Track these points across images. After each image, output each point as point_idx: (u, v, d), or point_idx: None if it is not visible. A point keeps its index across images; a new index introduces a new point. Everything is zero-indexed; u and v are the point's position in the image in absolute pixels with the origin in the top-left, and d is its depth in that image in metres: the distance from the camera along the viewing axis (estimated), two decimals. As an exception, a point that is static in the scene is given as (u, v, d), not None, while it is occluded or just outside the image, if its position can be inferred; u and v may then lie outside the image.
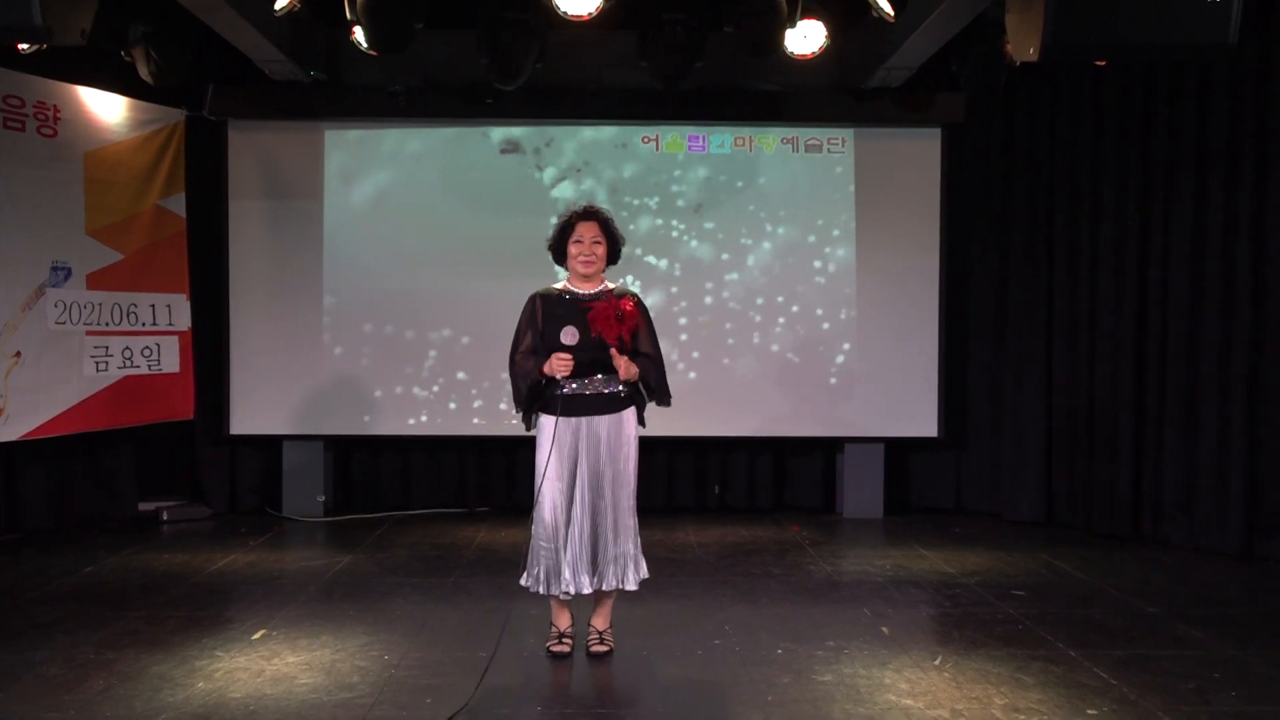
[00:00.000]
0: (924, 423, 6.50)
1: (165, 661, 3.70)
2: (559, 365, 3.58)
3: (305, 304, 6.43)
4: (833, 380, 6.50)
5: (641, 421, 3.80)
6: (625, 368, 3.62)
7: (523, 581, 3.75)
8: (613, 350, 3.60)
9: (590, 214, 3.71)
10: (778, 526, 6.29)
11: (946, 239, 6.47)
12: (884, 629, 4.13)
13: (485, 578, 4.90)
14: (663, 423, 6.63)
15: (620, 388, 3.69)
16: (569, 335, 3.61)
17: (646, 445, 6.69)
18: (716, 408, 6.48)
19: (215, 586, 4.80)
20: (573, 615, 3.91)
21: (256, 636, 4.00)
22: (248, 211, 6.40)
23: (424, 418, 6.45)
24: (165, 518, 6.29)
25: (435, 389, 6.45)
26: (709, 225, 6.47)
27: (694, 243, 6.48)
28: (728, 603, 4.53)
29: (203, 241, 6.43)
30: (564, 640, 3.84)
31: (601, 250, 3.69)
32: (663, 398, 3.78)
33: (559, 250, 3.76)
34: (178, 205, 6.30)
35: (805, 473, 6.84)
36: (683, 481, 6.83)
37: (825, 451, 6.82)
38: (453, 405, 6.44)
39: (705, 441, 6.71)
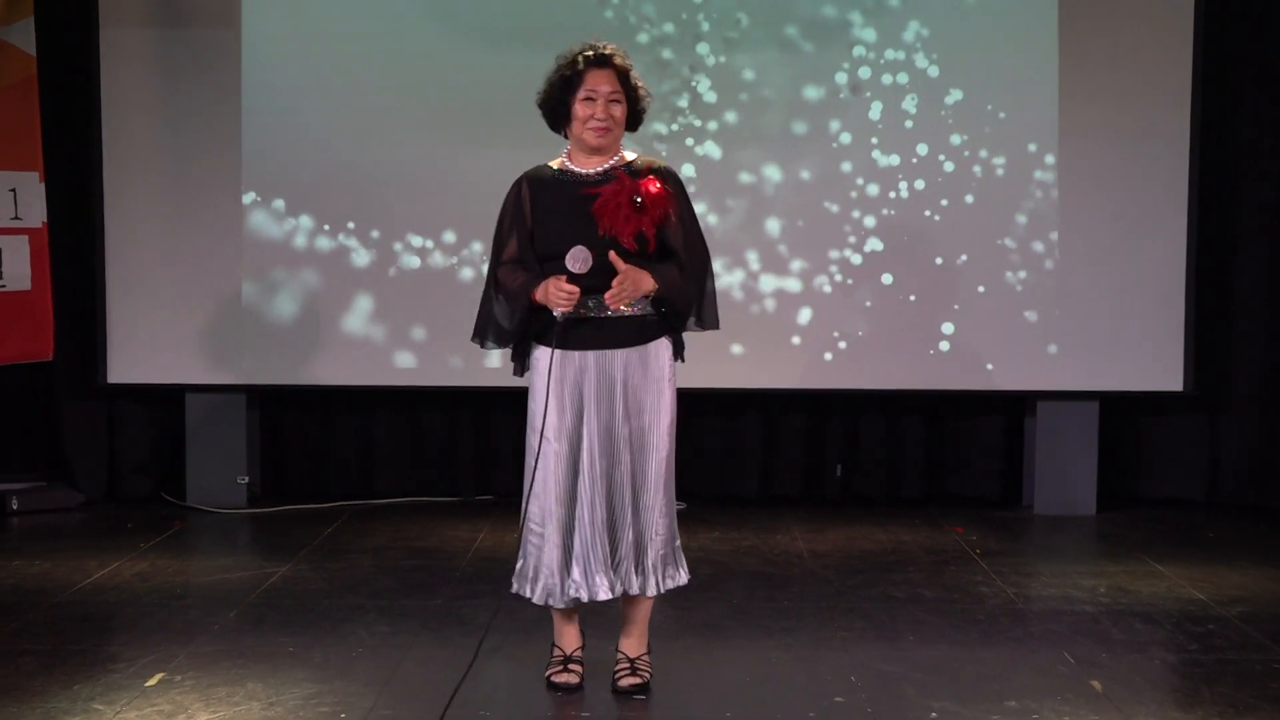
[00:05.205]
0: (1162, 371, 6.42)
1: (20, 716, 3.78)
2: (557, 297, 3.73)
3: (218, 186, 6.45)
4: (1019, 304, 6.44)
5: (679, 355, 3.97)
6: (628, 283, 3.70)
7: (514, 586, 3.95)
8: (612, 255, 3.69)
9: (603, 59, 3.87)
10: (932, 527, 6.30)
11: (1202, 89, 6.33)
12: (1095, 683, 4.12)
13: (488, 600, 4.94)
14: (756, 370, 6.71)
15: (650, 309, 3.84)
16: (577, 260, 3.71)
17: (731, 403, 6.78)
18: (839, 346, 6.46)
19: (90, 609, 4.90)
20: (583, 633, 4.06)
21: (152, 682, 4.08)
22: (128, 45, 6.40)
23: (398, 360, 6.49)
24: (15, 506, 6.42)
25: (415, 318, 6.48)
26: (824, 64, 6.39)
27: (804, 91, 6.40)
28: (855, 641, 4.55)
29: (62, 92, 6.45)
30: (570, 667, 3.98)
31: (620, 112, 3.88)
32: (703, 319, 3.93)
33: (558, 112, 3.92)
34: (24, 37, 6.28)
35: (975, 445, 6.83)
36: (788, 458, 6.84)
37: (1007, 414, 6.79)
38: (440, 343, 6.47)
39: (823, 398, 6.70)
